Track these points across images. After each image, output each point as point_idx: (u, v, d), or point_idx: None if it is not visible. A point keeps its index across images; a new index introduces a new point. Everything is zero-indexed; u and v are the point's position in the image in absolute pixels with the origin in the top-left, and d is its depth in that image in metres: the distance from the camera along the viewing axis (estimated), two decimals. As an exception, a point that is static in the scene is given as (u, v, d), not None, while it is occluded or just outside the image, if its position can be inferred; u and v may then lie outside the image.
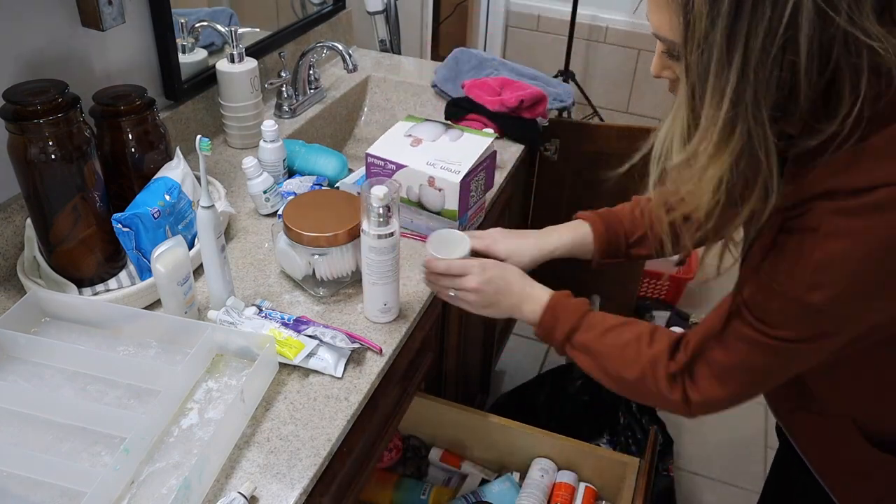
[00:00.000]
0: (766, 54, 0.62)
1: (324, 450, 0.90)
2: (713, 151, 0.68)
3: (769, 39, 0.61)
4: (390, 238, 1.00)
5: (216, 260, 1.01)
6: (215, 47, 1.53)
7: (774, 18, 0.61)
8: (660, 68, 0.77)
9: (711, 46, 0.64)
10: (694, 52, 0.66)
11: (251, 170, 1.27)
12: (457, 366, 1.54)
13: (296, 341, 0.99)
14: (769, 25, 0.61)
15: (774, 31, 0.61)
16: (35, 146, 0.95)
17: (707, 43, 0.64)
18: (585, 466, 1.36)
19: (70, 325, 1.04)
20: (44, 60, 1.11)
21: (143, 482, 0.84)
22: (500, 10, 3.27)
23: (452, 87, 1.76)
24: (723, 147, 0.67)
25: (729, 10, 0.62)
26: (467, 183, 1.20)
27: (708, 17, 0.63)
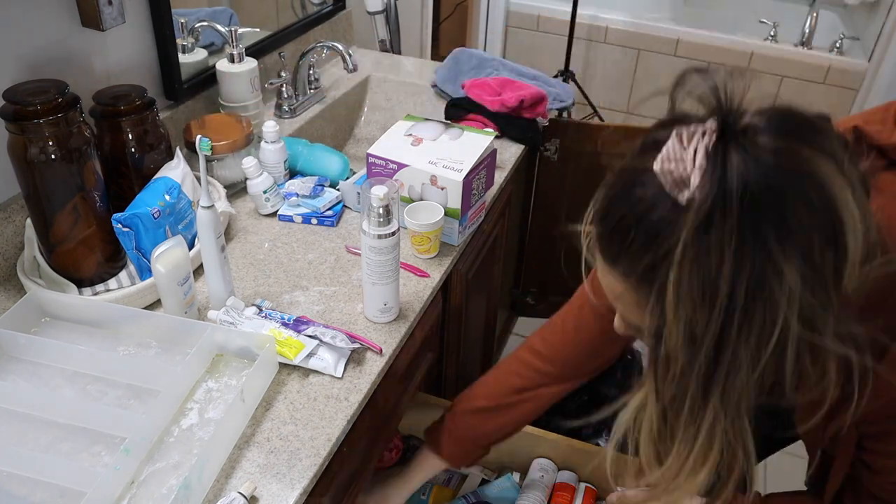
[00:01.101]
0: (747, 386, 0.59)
1: (324, 450, 0.90)
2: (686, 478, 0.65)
3: (749, 374, 0.58)
4: (390, 238, 1.00)
5: (216, 260, 1.01)
6: (215, 47, 1.53)
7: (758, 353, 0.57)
8: (625, 329, 0.73)
9: (686, 389, 0.60)
10: (667, 385, 0.62)
11: (251, 170, 1.27)
12: (457, 366, 1.54)
13: (296, 341, 0.99)
14: (752, 363, 0.57)
15: (756, 366, 0.58)
16: (35, 146, 0.95)
17: (682, 384, 0.60)
18: (585, 466, 1.36)
19: (70, 325, 1.04)
20: (44, 60, 1.11)
21: (143, 482, 0.84)
22: (500, 10, 3.27)
23: (452, 88, 1.76)
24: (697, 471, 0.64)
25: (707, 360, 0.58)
26: (469, 181, 1.20)
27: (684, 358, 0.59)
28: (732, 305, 0.55)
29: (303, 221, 1.30)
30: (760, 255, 0.54)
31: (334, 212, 1.31)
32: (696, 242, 0.55)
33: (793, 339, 0.57)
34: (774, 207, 0.54)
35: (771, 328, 0.56)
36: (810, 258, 0.55)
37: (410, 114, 1.40)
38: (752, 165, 0.54)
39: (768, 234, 0.54)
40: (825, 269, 0.56)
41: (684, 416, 0.62)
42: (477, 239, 1.39)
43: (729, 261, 0.54)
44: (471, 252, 1.37)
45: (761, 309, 0.55)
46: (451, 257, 1.25)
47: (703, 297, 0.56)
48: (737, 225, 0.53)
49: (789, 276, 0.54)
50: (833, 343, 0.58)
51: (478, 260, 1.43)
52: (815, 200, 0.54)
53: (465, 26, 3.43)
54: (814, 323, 0.57)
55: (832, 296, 0.57)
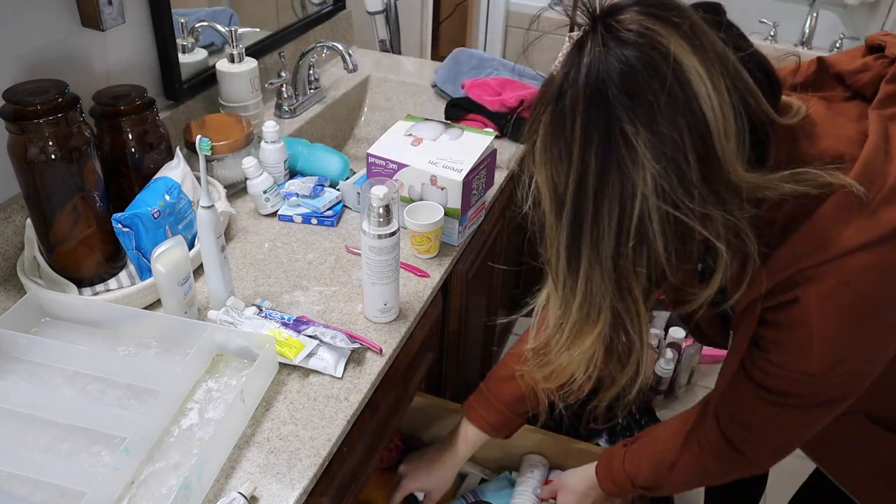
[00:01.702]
0: (619, 258, 0.63)
1: (324, 450, 0.90)
2: (568, 342, 0.71)
3: (619, 245, 0.62)
4: (390, 238, 1.00)
5: (216, 260, 1.01)
6: (215, 47, 1.53)
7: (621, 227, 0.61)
8: None
9: (558, 252, 0.66)
10: (547, 252, 0.68)
11: (251, 170, 1.27)
12: (457, 366, 1.54)
13: (296, 341, 0.99)
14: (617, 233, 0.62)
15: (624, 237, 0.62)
16: (35, 146, 0.95)
17: (554, 248, 0.66)
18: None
19: (70, 325, 1.04)
20: (44, 60, 1.11)
21: (143, 482, 0.84)
22: (500, 10, 3.27)
23: (452, 88, 1.76)
24: (579, 337, 0.70)
25: (569, 221, 0.63)
26: (469, 181, 1.21)
27: (555, 225, 0.65)
28: (584, 166, 0.61)
29: (303, 221, 1.30)
30: (606, 119, 0.59)
31: (334, 212, 1.31)
32: (553, 108, 0.62)
33: (654, 212, 0.60)
34: (624, 79, 0.58)
35: (631, 197, 0.60)
36: (658, 128, 0.58)
37: (410, 114, 1.40)
38: (607, 41, 0.60)
39: (614, 100, 0.59)
40: (680, 141, 0.59)
41: (560, 279, 0.68)
42: (477, 239, 1.39)
43: (579, 123, 0.60)
44: (471, 252, 1.37)
45: (615, 174, 0.60)
46: (451, 257, 1.25)
47: (559, 154, 0.62)
48: (584, 91, 0.59)
49: (638, 146, 0.59)
50: (698, 222, 0.61)
51: (478, 260, 1.43)
52: (667, 73, 0.58)
53: (465, 26, 3.43)
54: (673, 197, 0.60)
55: (693, 170, 0.59)
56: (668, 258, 0.63)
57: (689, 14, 0.62)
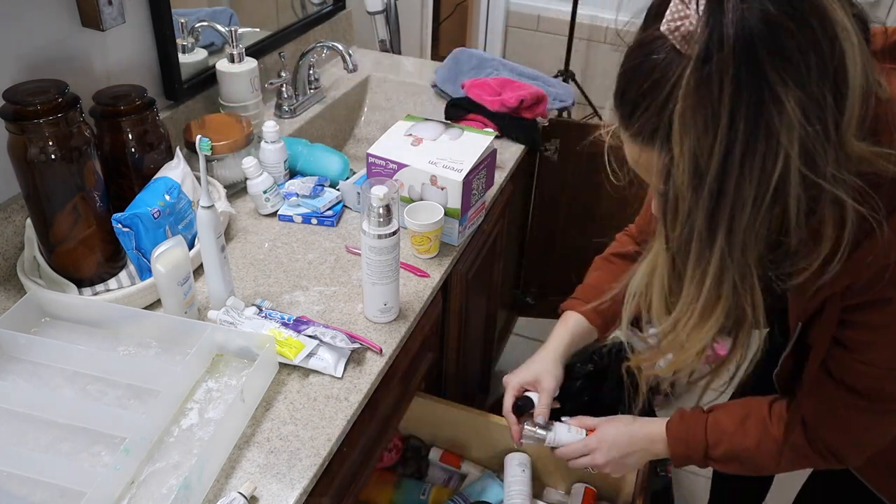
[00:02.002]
0: (752, 225, 0.60)
1: (324, 450, 0.90)
2: (696, 324, 0.67)
3: (756, 212, 0.59)
4: (390, 238, 1.00)
5: (216, 260, 1.01)
6: (215, 47, 1.53)
7: (759, 192, 0.58)
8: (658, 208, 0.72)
9: (692, 227, 0.61)
10: (675, 229, 0.63)
11: (251, 170, 1.27)
12: (457, 366, 1.54)
13: (296, 341, 0.99)
14: (755, 200, 0.58)
15: (760, 203, 0.59)
16: (35, 146, 0.95)
17: (688, 223, 0.62)
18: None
19: (70, 325, 1.04)
20: (44, 60, 1.11)
21: (143, 482, 0.84)
22: (500, 10, 3.27)
23: (452, 88, 1.76)
24: (706, 318, 0.66)
25: (711, 191, 0.59)
26: (469, 181, 1.21)
27: (690, 198, 0.60)
28: (733, 132, 0.56)
29: (303, 221, 1.30)
30: (757, 81, 0.55)
31: (334, 212, 1.31)
32: (697, 74, 0.56)
33: (794, 176, 0.57)
34: (770, 33, 0.54)
35: (773, 160, 0.56)
36: (808, 87, 0.55)
37: (410, 114, 1.40)
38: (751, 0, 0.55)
39: (764, 59, 0.54)
40: (825, 100, 0.56)
41: (692, 259, 0.63)
42: (477, 239, 1.39)
43: (728, 87, 0.55)
44: (471, 252, 1.37)
45: (762, 136, 0.56)
46: (451, 257, 1.25)
47: (704, 125, 0.57)
48: (732, 53, 0.55)
49: (787, 103, 0.55)
50: (832, 185, 0.58)
51: (478, 260, 1.43)
52: (813, 24, 0.55)
53: (465, 26, 3.43)
54: (814, 159, 0.57)
55: (832, 131, 0.57)
56: (798, 222, 0.60)
57: None
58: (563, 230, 2.05)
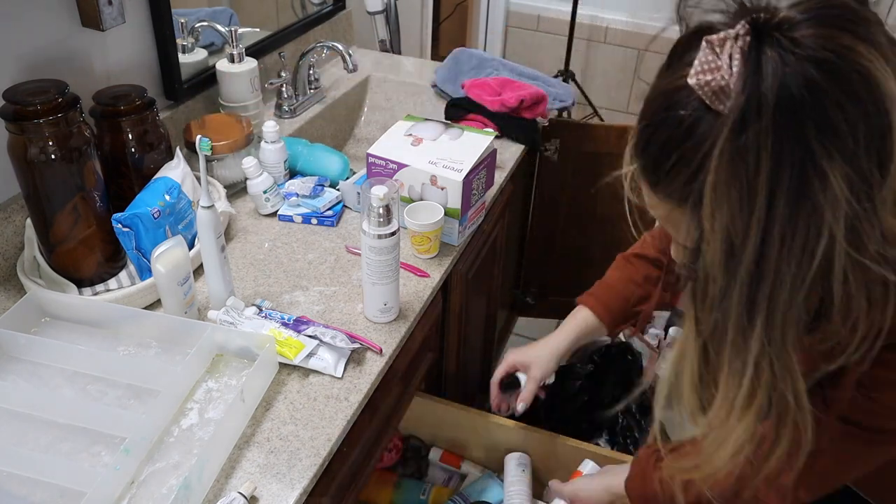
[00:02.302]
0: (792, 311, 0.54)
1: (324, 450, 0.90)
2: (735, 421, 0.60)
3: (794, 295, 0.53)
4: (390, 238, 1.00)
5: (216, 260, 1.01)
6: (215, 47, 1.53)
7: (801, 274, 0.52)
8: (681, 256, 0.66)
9: (727, 313, 0.55)
10: (706, 311, 0.57)
11: (251, 170, 1.27)
12: (457, 366, 1.54)
13: (296, 341, 0.99)
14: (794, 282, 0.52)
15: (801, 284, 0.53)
16: (35, 146, 0.95)
17: (721, 308, 0.55)
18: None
19: (70, 325, 1.04)
20: (44, 60, 1.11)
21: (143, 482, 0.84)
22: (500, 10, 3.27)
23: (452, 88, 1.76)
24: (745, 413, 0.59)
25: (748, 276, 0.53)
26: (469, 181, 1.21)
27: (723, 279, 0.54)
28: (772, 210, 0.51)
29: (303, 221, 1.30)
30: (800, 155, 0.50)
31: (334, 212, 1.31)
32: (732, 144, 0.51)
33: (839, 255, 0.52)
34: (815, 102, 0.49)
35: (815, 238, 0.51)
36: (855, 159, 0.50)
37: (410, 114, 1.40)
38: (791, 60, 0.50)
39: (808, 131, 0.49)
40: (871, 173, 0.51)
41: (728, 349, 0.57)
42: (477, 239, 1.39)
43: (766, 160, 0.50)
44: (471, 252, 1.37)
45: (805, 215, 0.51)
46: (451, 257, 1.25)
47: (740, 201, 0.52)
48: (772, 122, 0.49)
49: (833, 179, 0.50)
50: (875, 263, 0.53)
51: (478, 260, 1.43)
52: (862, 94, 0.50)
53: (465, 26, 3.43)
54: (859, 236, 0.52)
55: (878, 206, 0.52)
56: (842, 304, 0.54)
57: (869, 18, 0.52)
58: (563, 230, 2.05)
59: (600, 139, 1.87)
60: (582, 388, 1.88)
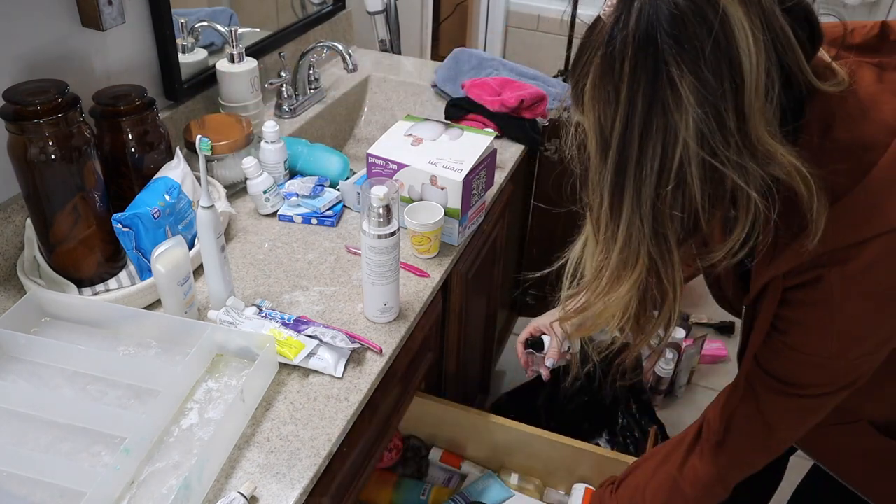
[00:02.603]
0: (658, 202, 0.64)
1: (324, 450, 0.90)
2: (607, 287, 0.72)
3: (659, 189, 0.63)
4: (390, 238, 1.00)
5: (216, 260, 1.01)
6: (215, 47, 1.53)
7: (662, 171, 0.62)
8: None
9: (601, 195, 0.67)
10: (590, 196, 0.69)
11: (251, 170, 1.27)
12: (457, 366, 1.54)
13: (296, 341, 0.99)
14: (657, 178, 0.63)
15: (664, 181, 0.63)
16: (35, 146, 0.95)
17: (598, 190, 0.67)
18: (585, 466, 1.36)
19: (70, 325, 1.04)
20: (44, 60, 1.11)
21: (143, 482, 0.84)
22: (500, 10, 3.27)
23: (452, 88, 1.76)
24: (618, 282, 0.70)
25: (614, 163, 0.64)
26: (469, 181, 1.21)
27: (599, 168, 0.66)
28: (632, 108, 0.62)
29: (303, 221, 1.30)
30: (654, 64, 0.60)
31: (334, 212, 1.31)
32: (604, 50, 0.62)
33: (694, 157, 0.61)
34: (672, 24, 0.59)
35: (673, 140, 0.61)
36: (701, 74, 0.59)
37: (410, 114, 1.41)
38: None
39: (663, 46, 0.59)
40: (720, 88, 0.60)
41: (602, 223, 0.69)
42: (477, 239, 1.39)
43: (628, 64, 0.61)
44: (471, 252, 1.37)
45: (659, 114, 0.61)
46: (451, 257, 1.25)
47: (608, 97, 0.63)
48: (633, 34, 0.60)
49: (682, 88, 0.59)
50: (732, 171, 0.62)
51: (478, 260, 1.43)
52: (713, 21, 0.59)
53: (465, 26, 3.43)
54: (711, 144, 0.61)
55: (729, 119, 0.60)
56: (703, 204, 0.64)
57: None
58: (563, 230, 2.04)
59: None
60: (581, 389, 1.88)
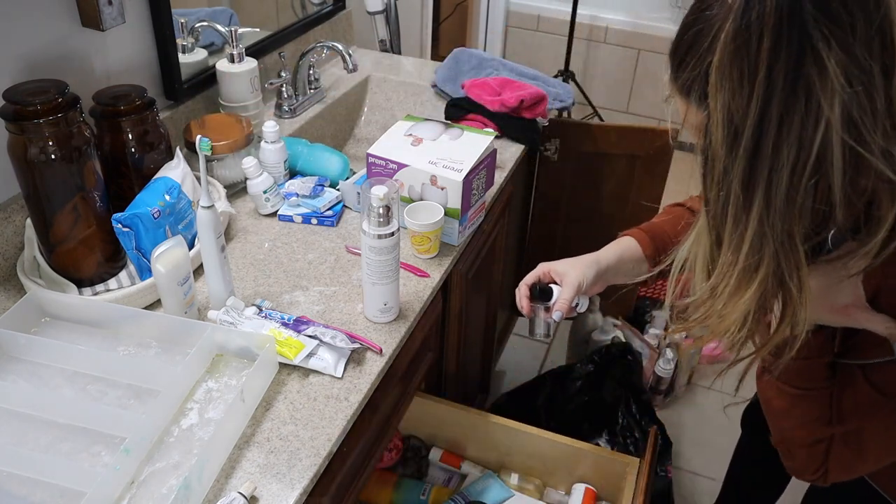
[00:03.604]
0: (793, 194, 0.57)
1: (324, 450, 0.90)
2: (732, 291, 0.64)
3: (795, 180, 0.57)
4: (390, 238, 1.00)
5: (216, 260, 1.01)
6: (215, 47, 1.53)
7: (799, 160, 0.56)
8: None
9: (729, 188, 0.60)
10: (712, 190, 0.62)
11: (251, 170, 1.27)
12: (457, 366, 1.54)
13: (296, 341, 0.99)
14: (793, 167, 0.56)
15: (800, 171, 0.56)
16: (35, 146, 0.95)
17: (725, 183, 0.60)
18: (585, 466, 1.36)
19: (70, 325, 1.04)
20: (44, 60, 1.11)
21: (143, 482, 0.84)
22: (500, 10, 3.27)
23: (452, 88, 1.76)
24: (744, 286, 0.63)
25: (746, 152, 0.57)
26: (469, 181, 1.21)
27: (727, 158, 0.59)
28: (770, 90, 0.55)
29: (303, 221, 1.30)
30: (798, 38, 0.53)
31: (334, 212, 1.31)
32: (736, 24, 0.55)
33: (836, 144, 0.55)
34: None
35: (814, 123, 0.55)
36: (853, 51, 0.53)
37: (410, 114, 1.41)
38: None
39: (807, 15, 0.53)
40: (871, 68, 0.54)
41: (729, 223, 0.61)
42: (477, 239, 1.39)
43: (767, 40, 0.54)
44: (471, 252, 1.37)
45: (801, 97, 0.54)
46: (451, 257, 1.25)
47: (741, 79, 0.56)
48: (774, 5, 0.53)
49: (829, 64, 0.53)
50: (881, 160, 0.56)
51: (478, 260, 1.43)
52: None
53: (465, 26, 3.44)
54: (858, 129, 0.55)
55: (879, 102, 0.55)
56: (843, 197, 0.58)
57: None
58: (563, 230, 2.05)
59: (600, 139, 1.87)
60: (582, 388, 1.89)
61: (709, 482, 1.99)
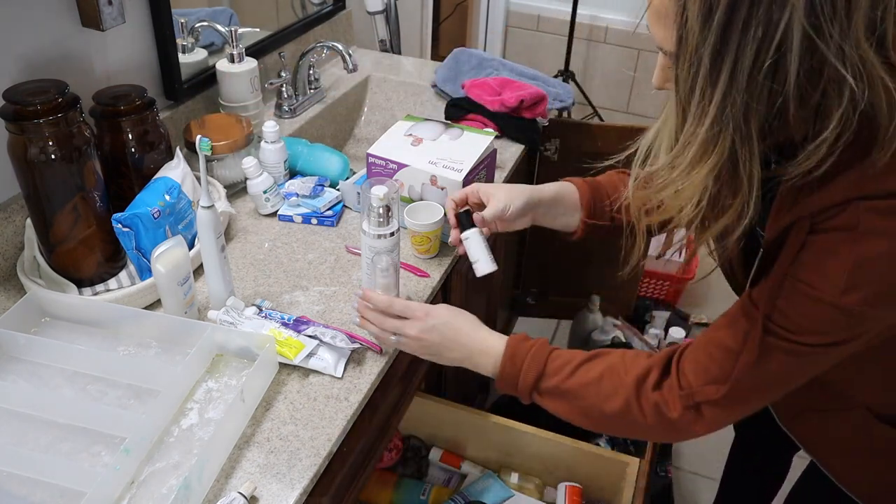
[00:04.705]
0: (755, 73, 0.62)
1: (324, 450, 0.90)
2: (690, 165, 0.68)
3: (759, 59, 0.61)
4: (390, 238, 1.00)
5: (216, 260, 1.01)
6: (215, 47, 1.53)
7: (765, 39, 0.60)
8: (662, 81, 0.76)
9: (699, 62, 0.64)
10: (683, 66, 0.66)
11: (251, 170, 1.27)
12: (457, 366, 1.54)
13: (296, 341, 0.99)
14: (759, 45, 0.61)
15: (764, 50, 0.61)
16: (35, 146, 0.95)
17: (696, 57, 0.64)
18: (585, 466, 1.36)
19: (70, 325, 1.04)
20: (44, 60, 1.11)
21: (143, 482, 0.84)
22: (500, 10, 3.27)
23: (452, 88, 1.76)
24: (702, 161, 0.67)
25: (719, 27, 0.62)
26: (469, 181, 1.21)
27: (700, 33, 0.63)
28: None
29: (303, 221, 1.30)
30: None
31: (334, 212, 1.31)
32: None
33: (798, 31, 0.59)
34: None
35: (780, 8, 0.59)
36: None
37: (410, 114, 1.41)
38: None
39: None
40: None
41: (696, 94, 0.65)
42: (477, 239, 1.39)
43: None
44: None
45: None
46: (451, 257, 1.25)
47: None
48: None
49: None
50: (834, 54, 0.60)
51: (478, 260, 1.43)
52: None
53: (465, 26, 3.44)
54: (819, 21, 0.59)
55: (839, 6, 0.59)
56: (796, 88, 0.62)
57: None
58: (562, 230, 2.04)
59: (600, 139, 1.87)
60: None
61: (709, 482, 1.99)
